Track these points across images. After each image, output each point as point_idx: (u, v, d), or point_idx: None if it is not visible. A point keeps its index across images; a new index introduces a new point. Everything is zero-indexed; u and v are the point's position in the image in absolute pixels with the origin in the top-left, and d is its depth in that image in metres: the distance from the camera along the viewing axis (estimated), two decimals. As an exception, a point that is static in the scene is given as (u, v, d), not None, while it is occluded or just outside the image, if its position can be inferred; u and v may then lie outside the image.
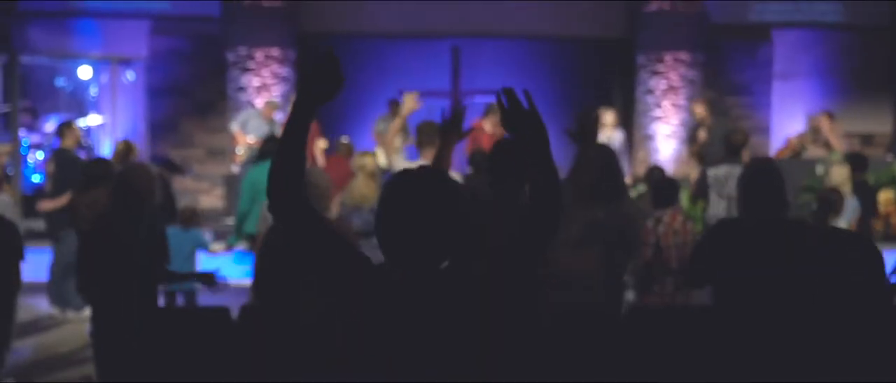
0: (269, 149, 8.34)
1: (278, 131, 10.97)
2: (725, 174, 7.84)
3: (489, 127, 11.19)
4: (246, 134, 11.33)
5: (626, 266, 4.90)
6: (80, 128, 10.96)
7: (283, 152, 2.42)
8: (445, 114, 4.05)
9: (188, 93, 13.69)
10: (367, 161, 7.70)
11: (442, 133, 4.05)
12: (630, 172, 11.99)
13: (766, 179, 3.46)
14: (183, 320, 4.83)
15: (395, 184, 2.43)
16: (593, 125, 3.86)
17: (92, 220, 5.01)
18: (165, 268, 4.96)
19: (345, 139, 11.20)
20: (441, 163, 4.01)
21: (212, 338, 4.47)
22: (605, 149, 4.68)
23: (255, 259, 4.56)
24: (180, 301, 7.44)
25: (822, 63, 13.89)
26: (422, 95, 5.11)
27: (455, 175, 7.93)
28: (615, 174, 4.49)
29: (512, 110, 2.45)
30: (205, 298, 8.13)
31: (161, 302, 5.71)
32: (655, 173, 8.19)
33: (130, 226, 4.60)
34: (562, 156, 3.76)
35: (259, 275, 4.42)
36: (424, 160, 5.60)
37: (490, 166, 4.01)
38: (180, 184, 12.81)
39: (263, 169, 7.94)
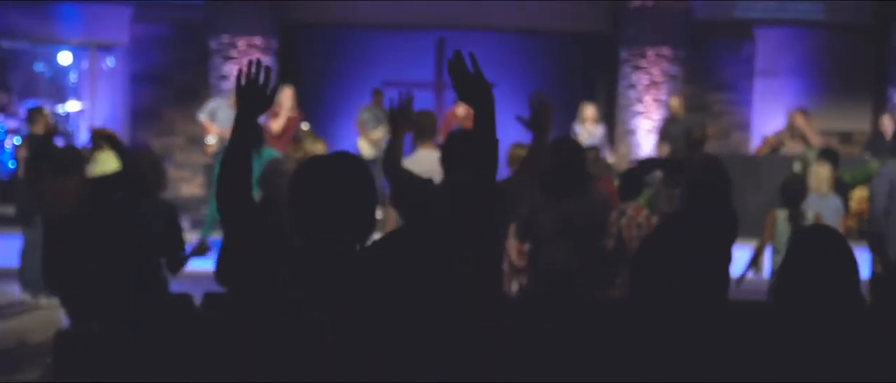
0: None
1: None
2: None
3: (462, 111, 11.27)
4: (214, 123, 11.16)
5: (603, 254, 4.93)
6: (52, 114, 10.90)
7: (230, 160, 2.56)
8: (393, 104, 4.06)
9: (170, 80, 13.64)
10: (318, 147, 7.84)
11: (391, 122, 4.06)
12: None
13: (710, 176, 3.48)
14: (147, 308, 4.79)
15: (304, 167, 2.52)
16: (547, 111, 3.87)
17: (66, 209, 4.94)
18: (178, 257, 4.81)
19: (305, 125, 11.09)
20: (393, 151, 4.02)
21: (176, 326, 4.45)
22: (570, 142, 4.69)
23: (221, 246, 4.55)
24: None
25: (803, 61, 13.94)
26: (406, 87, 5.14)
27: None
28: (579, 167, 4.50)
29: (459, 75, 2.53)
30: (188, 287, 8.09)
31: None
32: (679, 146, 8.10)
33: (130, 216, 4.49)
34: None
35: (223, 261, 4.41)
36: (422, 150, 5.62)
37: (443, 156, 4.01)
38: (161, 172, 12.77)
39: None
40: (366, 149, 11.69)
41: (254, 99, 2.56)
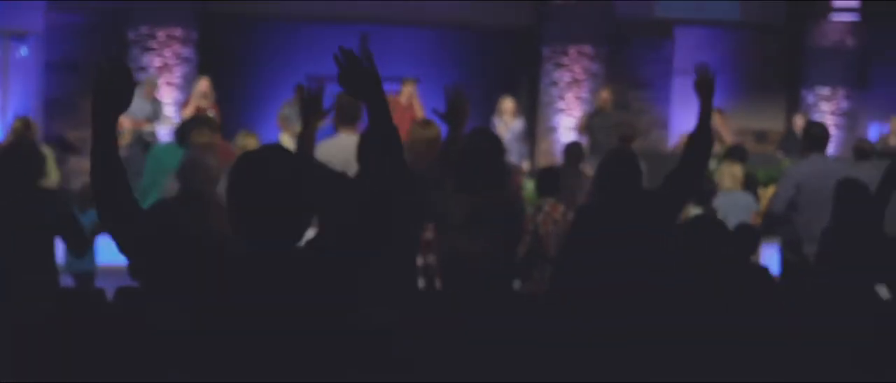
0: (187, 130, 8.01)
1: (164, 111, 10.78)
2: None
3: (404, 99, 11.39)
4: (128, 115, 10.91)
5: (516, 250, 4.97)
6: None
7: (98, 166, 2.44)
8: (305, 95, 4.06)
9: (87, 71, 13.31)
10: (249, 142, 7.75)
11: (302, 114, 4.06)
12: (531, 162, 12.15)
13: (620, 166, 3.56)
14: (58, 302, 4.69)
15: (240, 162, 2.46)
16: (462, 103, 3.89)
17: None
18: (81, 249, 4.75)
19: (209, 113, 10.90)
20: (304, 142, 4.01)
21: (87, 321, 4.37)
22: (487, 133, 4.72)
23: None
24: (70, 283, 7.22)
25: (721, 60, 14.25)
26: (328, 81, 5.09)
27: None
28: (496, 159, 4.54)
29: (348, 69, 2.52)
30: (101, 282, 7.92)
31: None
32: (600, 139, 8.21)
33: (11, 211, 4.39)
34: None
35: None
36: (344, 134, 5.59)
37: (359, 156, 4.01)
38: (77, 164, 12.48)
39: (169, 149, 7.79)
40: (288, 144, 11.60)
41: (111, 97, 2.44)
